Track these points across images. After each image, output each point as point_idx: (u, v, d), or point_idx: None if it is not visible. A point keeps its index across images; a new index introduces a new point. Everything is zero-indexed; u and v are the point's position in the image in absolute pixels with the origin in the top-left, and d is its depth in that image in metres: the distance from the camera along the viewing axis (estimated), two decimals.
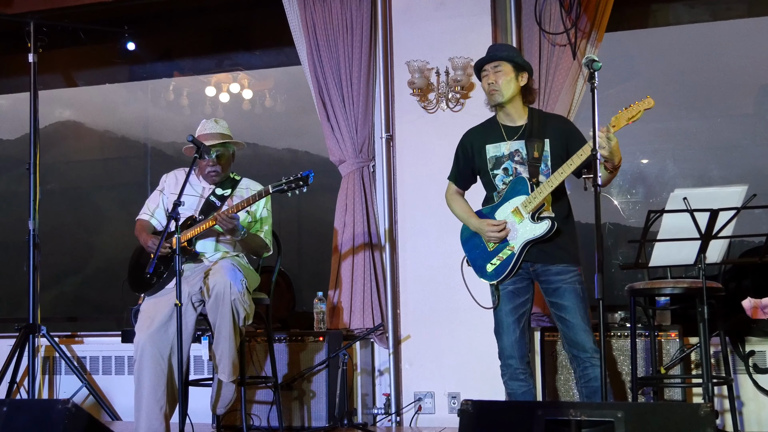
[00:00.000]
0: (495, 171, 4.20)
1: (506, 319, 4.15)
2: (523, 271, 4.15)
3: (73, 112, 8.01)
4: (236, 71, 7.53)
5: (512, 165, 4.16)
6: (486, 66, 4.20)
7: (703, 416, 3.08)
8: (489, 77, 4.17)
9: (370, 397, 5.51)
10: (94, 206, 7.97)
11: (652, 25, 6.26)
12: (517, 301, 4.15)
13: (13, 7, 6.35)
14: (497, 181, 4.20)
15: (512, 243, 4.11)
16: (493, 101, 4.20)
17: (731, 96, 6.32)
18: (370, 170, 5.65)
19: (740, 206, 3.87)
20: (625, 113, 3.89)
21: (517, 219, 4.09)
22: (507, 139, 4.19)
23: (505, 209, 4.14)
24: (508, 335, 4.15)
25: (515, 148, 4.16)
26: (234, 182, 4.84)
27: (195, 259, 4.63)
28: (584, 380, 4.07)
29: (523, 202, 4.08)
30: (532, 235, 4.05)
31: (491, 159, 4.21)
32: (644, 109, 3.87)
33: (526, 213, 4.07)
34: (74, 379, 5.75)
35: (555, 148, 4.13)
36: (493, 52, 4.25)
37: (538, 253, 4.09)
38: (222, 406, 4.49)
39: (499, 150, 4.20)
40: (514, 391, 4.16)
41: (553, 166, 4.09)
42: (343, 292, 5.53)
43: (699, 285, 4.09)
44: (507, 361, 4.16)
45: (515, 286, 4.16)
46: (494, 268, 4.16)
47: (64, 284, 7.80)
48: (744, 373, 4.90)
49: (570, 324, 4.05)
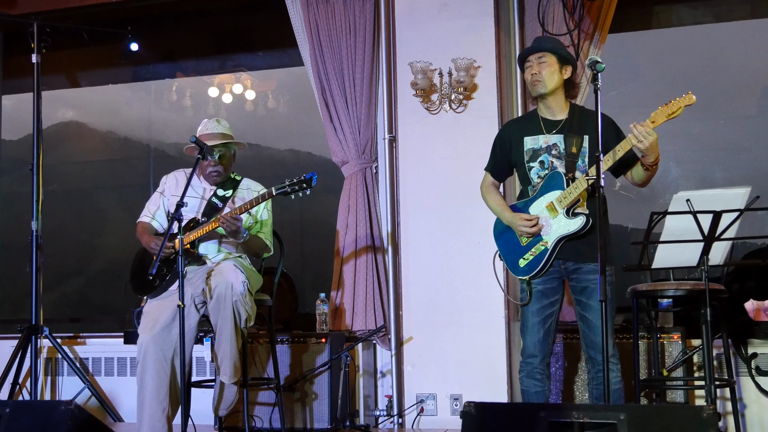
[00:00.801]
0: (531, 164, 4.15)
1: (532, 319, 4.11)
2: (555, 269, 4.10)
3: (76, 112, 8.02)
4: (239, 72, 7.53)
5: (549, 158, 4.11)
6: (530, 57, 4.16)
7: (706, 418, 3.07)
8: (533, 68, 4.13)
9: (372, 399, 5.51)
10: (97, 207, 7.98)
11: (655, 26, 6.25)
12: (545, 302, 4.11)
13: (17, 8, 6.36)
14: (533, 174, 4.15)
15: (546, 238, 4.06)
16: (535, 92, 4.15)
17: (734, 98, 6.32)
18: (372, 171, 5.65)
19: (743, 208, 3.87)
20: (665, 109, 3.86)
21: (552, 214, 4.05)
22: (546, 132, 4.14)
23: (539, 204, 4.10)
24: (532, 334, 4.11)
25: (553, 141, 4.11)
26: (235, 183, 4.83)
27: (198, 261, 4.63)
28: (596, 382, 4.06)
29: (558, 197, 4.03)
30: (567, 230, 4.01)
31: (528, 151, 4.16)
32: (685, 105, 3.85)
33: (561, 208, 4.02)
34: (77, 381, 5.76)
35: (593, 145, 4.06)
36: (538, 43, 4.22)
37: (571, 251, 4.04)
38: (224, 408, 4.49)
39: (536, 142, 4.15)
40: (528, 389, 4.12)
41: (590, 163, 4.05)
42: (345, 293, 5.53)
43: (702, 287, 4.08)
44: (527, 359, 4.12)
45: (545, 285, 4.11)
46: (527, 263, 4.11)
47: (66, 285, 7.80)
48: (746, 375, 4.90)
49: (592, 325, 4.01)
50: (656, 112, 3.87)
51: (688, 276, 4.84)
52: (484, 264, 5.22)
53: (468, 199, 5.30)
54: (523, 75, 4.24)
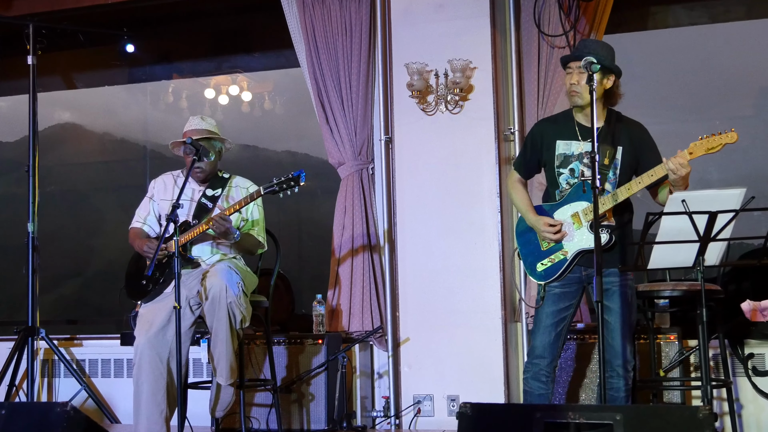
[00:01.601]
0: (561, 170, 4.09)
1: (545, 321, 4.08)
2: (574, 275, 4.07)
3: (72, 114, 8.02)
4: (235, 73, 7.54)
5: (579, 167, 4.05)
6: (572, 63, 4.03)
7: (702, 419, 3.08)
8: (573, 76, 4.01)
9: (369, 400, 5.51)
10: (94, 209, 7.98)
11: (651, 27, 6.26)
12: (560, 305, 4.08)
13: (13, 10, 6.36)
14: (561, 180, 4.10)
15: (566, 248, 4.03)
16: (572, 102, 4.06)
17: (730, 98, 6.33)
18: (369, 172, 5.65)
19: (739, 208, 3.87)
20: (706, 142, 3.82)
21: (576, 224, 4.02)
22: (581, 139, 4.07)
23: (564, 211, 4.07)
24: (543, 336, 4.07)
25: (587, 149, 4.02)
26: (224, 181, 4.81)
27: (191, 264, 4.62)
28: (608, 386, 4.02)
29: (585, 210, 4.00)
30: (589, 245, 3.95)
31: (559, 156, 4.10)
32: (725, 143, 3.80)
33: (586, 221, 4.00)
34: (73, 382, 5.75)
35: (626, 156, 4.03)
36: (583, 49, 4.04)
37: (591, 259, 3.90)
38: (221, 409, 4.49)
39: (569, 148, 4.08)
40: (532, 390, 4.10)
41: (620, 176, 4.02)
42: (342, 294, 5.53)
43: (698, 287, 4.07)
44: (534, 360, 4.09)
45: (563, 289, 4.08)
46: (545, 268, 4.09)
47: (63, 287, 7.80)
48: (743, 375, 4.90)
49: (611, 327, 3.98)
50: (696, 143, 3.83)
51: (684, 277, 4.85)
52: (481, 265, 5.27)
53: (465, 200, 5.32)
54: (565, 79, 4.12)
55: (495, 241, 5.25)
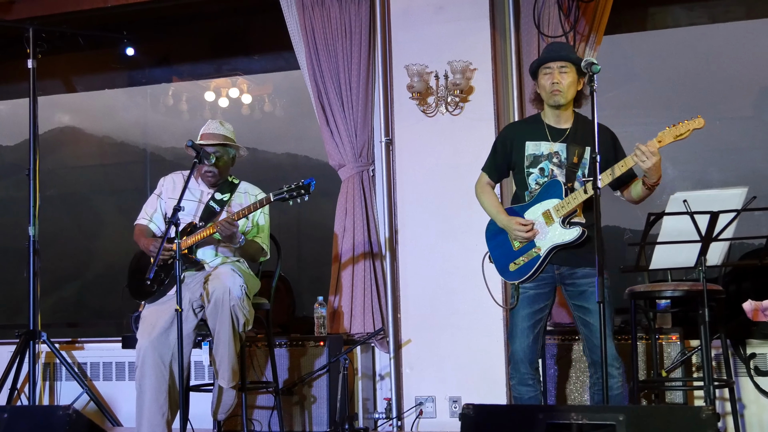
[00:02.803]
0: (531, 169, 4.13)
1: (521, 324, 4.09)
2: (547, 274, 4.09)
3: (72, 117, 8.02)
4: (235, 76, 7.54)
5: (549, 166, 4.09)
6: (551, 63, 4.08)
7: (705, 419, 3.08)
8: (554, 76, 4.06)
9: (371, 402, 5.51)
10: (94, 212, 7.98)
11: (650, 28, 6.26)
12: (535, 307, 4.09)
13: (13, 13, 6.36)
14: (531, 180, 4.13)
15: (539, 245, 4.05)
16: (553, 102, 4.09)
17: (730, 98, 6.33)
18: (369, 174, 5.65)
19: (740, 208, 3.87)
20: (673, 130, 3.86)
21: (547, 222, 4.04)
22: (550, 139, 4.12)
23: (535, 210, 4.09)
24: (521, 340, 4.09)
25: (556, 149, 4.09)
26: (232, 186, 4.82)
27: (196, 266, 4.62)
28: (598, 387, 4.04)
29: (556, 206, 4.02)
30: (561, 240, 4.00)
31: (529, 156, 4.13)
32: (693, 128, 3.85)
33: (557, 217, 4.01)
34: (75, 386, 5.74)
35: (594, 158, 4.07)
36: (561, 51, 4.12)
37: (564, 256, 4.04)
38: (223, 412, 4.49)
39: (539, 149, 4.12)
40: (521, 395, 4.11)
41: (589, 175, 4.03)
42: (343, 296, 5.53)
43: (699, 287, 4.08)
44: (517, 365, 4.11)
45: (536, 291, 4.10)
46: (517, 268, 4.11)
47: (64, 290, 7.80)
48: (745, 375, 4.90)
49: (594, 328, 3.97)
50: (664, 132, 3.87)
51: (685, 277, 4.85)
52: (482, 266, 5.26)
53: (465, 201, 5.29)
54: (535, 78, 4.17)
55: None
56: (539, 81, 4.15)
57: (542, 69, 4.12)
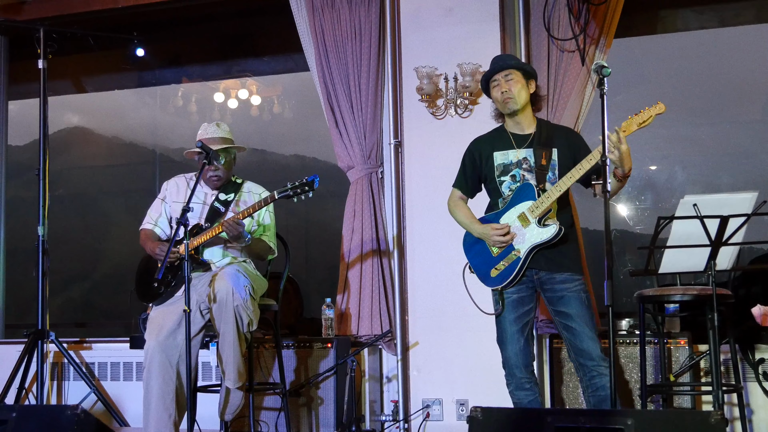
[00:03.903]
0: (502, 178, 4.19)
1: (510, 328, 4.13)
2: (528, 279, 4.13)
3: (82, 118, 8.04)
4: (245, 77, 7.55)
5: (520, 172, 4.15)
6: (496, 76, 4.20)
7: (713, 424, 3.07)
8: (501, 86, 4.17)
9: (378, 404, 5.51)
10: (103, 212, 8.00)
11: (660, 31, 6.25)
12: (521, 310, 4.13)
13: (24, 14, 6.39)
14: (504, 188, 4.19)
15: (518, 247, 4.09)
16: (508, 110, 4.19)
17: (740, 102, 6.31)
18: (378, 176, 5.65)
19: (750, 213, 3.86)
20: (636, 118, 3.90)
21: (523, 224, 4.08)
22: (516, 146, 4.19)
23: (510, 215, 4.13)
24: (512, 344, 4.12)
25: (523, 155, 4.16)
26: (236, 186, 4.83)
27: (203, 267, 4.63)
28: (592, 389, 4.04)
29: (530, 207, 4.06)
30: (539, 239, 4.04)
31: (499, 166, 4.20)
32: (655, 114, 3.89)
33: (533, 218, 4.05)
34: (83, 385, 5.75)
35: (563, 158, 4.14)
36: (501, 61, 4.26)
37: (543, 261, 4.08)
38: (230, 413, 4.49)
39: (506, 157, 4.19)
40: (521, 400, 4.14)
41: (560, 175, 4.09)
42: (351, 298, 5.53)
43: (709, 292, 4.07)
44: (512, 370, 4.14)
45: (519, 294, 4.13)
46: (499, 273, 4.14)
47: (72, 290, 7.82)
48: (754, 380, 4.88)
49: (576, 332, 4.02)
50: (627, 121, 3.93)
51: (694, 281, 4.83)
52: None
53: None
54: (490, 95, 4.27)
55: None
56: (492, 95, 4.26)
57: (491, 83, 4.25)
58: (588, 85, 5.26)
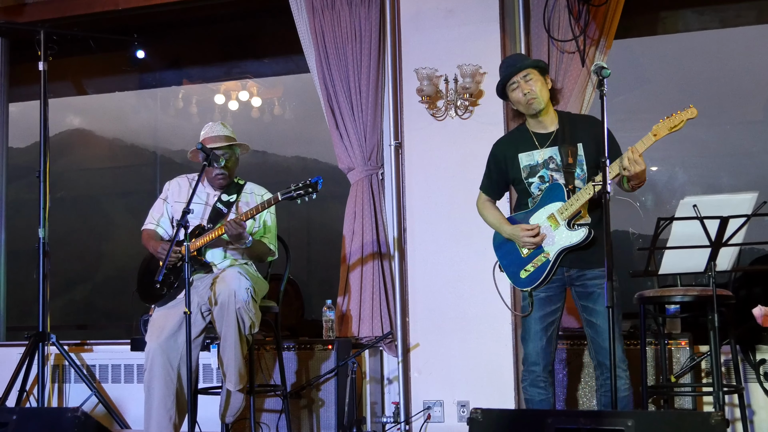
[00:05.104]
0: (530, 179, 4.15)
1: (534, 326, 4.10)
2: (557, 277, 4.09)
3: (82, 120, 8.05)
4: (245, 79, 7.56)
5: (548, 173, 4.11)
6: (514, 78, 4.15)
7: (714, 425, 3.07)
8: (522, 87, 4.13)
9: (379, 406, 5.50)
10: (104, 214, 8.01)
11: (661, 32, 6.25)
12: (548, 309, 4.10)
13: (24, 16, 6.39)
14: (533, 189, 4.15)
15: (547, 249, 4.06)
16: (532, 110, 4.14)
17: (741, 103, 6.32)
18: (379, 178, 5.65)
19: (750, 213, 3.86)
20: (667, 122, 3.87)
21: (553, 225, 4.05)
22: (539, 146, 4.15)
23: (539, 215, 4.10)
24: (535, 342, 4.10)
25: (549, 155, 4.12)
26: (239, 187, 4.83)
27: (205, 268, 4.63)
28: (605, 389, 4.03)
29: (560, 209, 4.03)
30: (569, 242, 4.01)
31: (525, 168, 4.17)
32: (687, 118, 3.85)
33: (563, 220, 4.02)
34: (84, 388, 5.76)
35: (589, 152, 4.09)
36: (517, 62, 4.20)
37: (573, 259, 4.04)
38: (231, 415, 4.49)
39: (532, 158, 4.15)
40: (532, 397, 4.11)
41: (588, 170, 4.06)
42: (351, 300, 5.53)
43: (709, 293, 4.07)
44: (530, 367, 4.11)
45: (548, 293, 4.11)
46: (528, 274, 4.11)
47: (73, 292, 7.83)
48: (755, 381, 4.88)
49: (600, 330, 3.99)
50: (658, 125, 3.89)
51: (695, 282, 4.83)
52: (491, 270, 5.25)
53: (474, 205, 5.30)
54: (506, 98, 4.24)
55: None
56: (511, 98, 4.22)
57: (508, 87, 4.20)
58: (588, 86, 5.26)
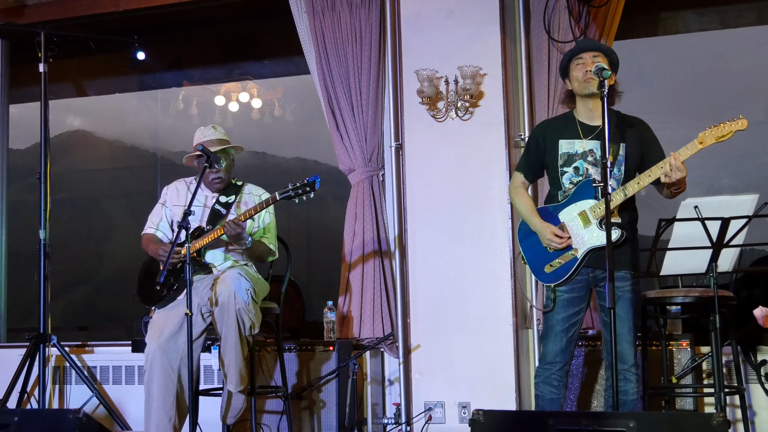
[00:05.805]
0: (565, 168, 4.09)
1: (557, 327, 4.07)
2: (582, 277, 4.05)
3: (83, 121, 8.05)
4: (246, 80, 7.56)
5: (584, 165, 4.05)
6: (583, 54, 4.07)
7: (716, 426, 3.07)
8: (587, 64, 4.02)
9: (380, 407, 5.50)
10: (104, 215, 8.01)
11: (661, 33, 6.25)
12: (571, 310, 4.06)
13: (25, 17, 6.39)
14: (564, 180, 4.09)
15: (576, 247, 4.02)
16: (586, 90, 4.03)
17: (741, 103, 6.31)
18: (379, 179, 5.65)
19: (752, 215, 3.86)
20: (715, 131, 3.83)
21: (584, 223, 4.01)
22: (583, 137, 4.07)
23: (570, 211, 4.05)
24: (555, 342, 4.07)
25: (590, 147, 4.05)
26: (237, 188, 4.83)
27: (205, 269, 4.63)
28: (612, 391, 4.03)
29: (592, 207, 3.99)
30: (599, 242, 3.94)
31: (563, 155, 4.09)
32: (735, 129, 3.82)
33: (594, 219, 3.98)
34: (84, 389, 5.76)
35: (631, 154, 4.04)
36: (591, 43, 4.17)
37: (600, 259, 3.94)
38: (232, 416, 4.49)
39: (572, 147, 4.08)
40: (543, 395, 4.09)
41: (625, 171, 4.02)
42: (352, 301, 5.53)
43: (710, 294, 4.06)
44: (546, 365, 4.09)
45: (572, 294, 4.06)
46: (553, 270, 4.07)
47: (74, 293, 7.83)
48: (756, 382, 4.87)
49: (617, 332, 3.95)
50: (704, 133, 3.85)
51: (696, 283, 4.83)
52: (492, 271, 5.26)
53: (475, 206, 5.31)
54: (569, 74, 4.12)
55: (506, 247, 5.24)
56: (571, 73, 4.12)
57: (574, 61, 4.10)
58: None
